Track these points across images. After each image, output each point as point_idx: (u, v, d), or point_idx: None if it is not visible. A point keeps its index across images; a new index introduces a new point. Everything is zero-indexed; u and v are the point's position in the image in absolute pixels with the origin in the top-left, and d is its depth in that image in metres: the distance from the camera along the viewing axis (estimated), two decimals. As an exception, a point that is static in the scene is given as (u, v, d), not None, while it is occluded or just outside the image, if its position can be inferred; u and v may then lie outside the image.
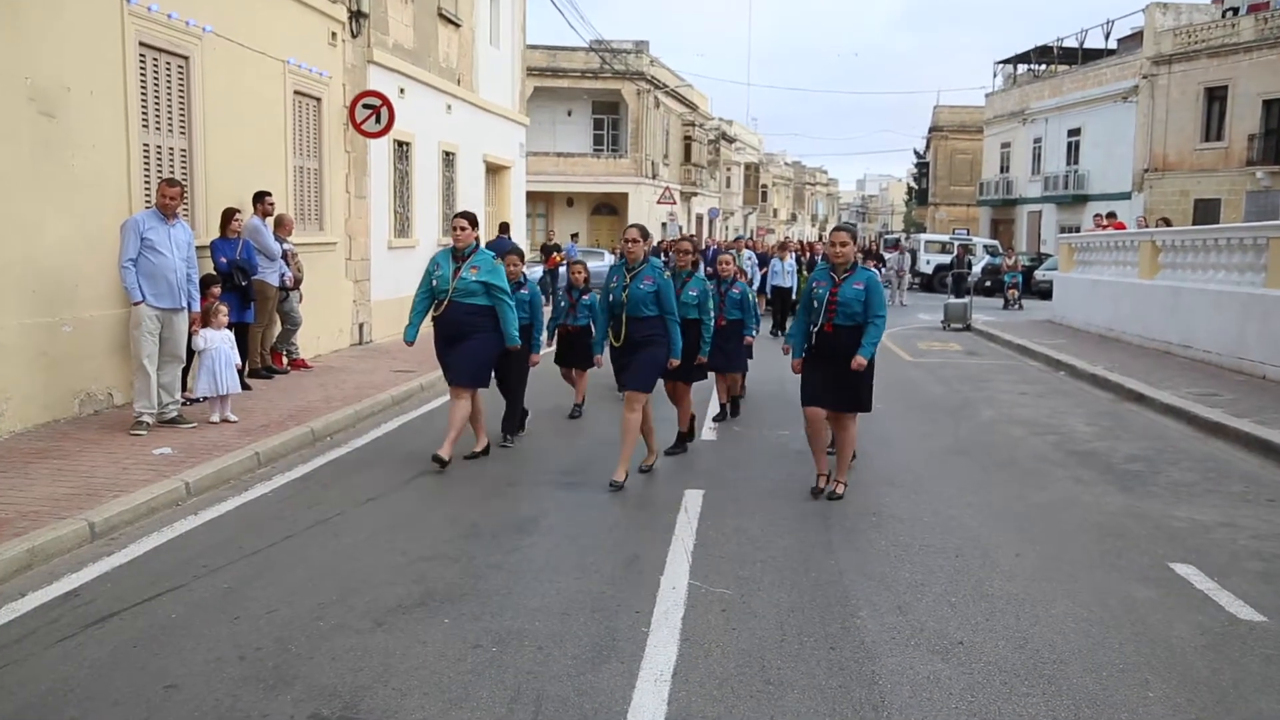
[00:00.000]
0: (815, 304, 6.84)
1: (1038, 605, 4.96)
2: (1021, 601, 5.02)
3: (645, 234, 7.42)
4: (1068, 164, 42.12)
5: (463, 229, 7.72)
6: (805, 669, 4.19)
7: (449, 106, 18.14)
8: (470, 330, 7.65)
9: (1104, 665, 4.27)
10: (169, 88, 9.93)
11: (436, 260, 7.82)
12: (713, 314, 8.37)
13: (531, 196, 30.11)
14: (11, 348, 7.95)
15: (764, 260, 21.12)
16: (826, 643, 4.46)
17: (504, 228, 19.69)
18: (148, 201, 9.16)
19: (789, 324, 16.32)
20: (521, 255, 8.82)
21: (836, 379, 6.83)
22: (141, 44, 9.39)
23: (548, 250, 24.85)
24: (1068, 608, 4.93)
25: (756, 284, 18.15)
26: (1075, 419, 10.43)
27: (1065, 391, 12.50)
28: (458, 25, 18.37)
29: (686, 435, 8.47)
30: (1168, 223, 18.90)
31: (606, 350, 7.64)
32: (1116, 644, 4.50)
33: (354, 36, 14.15)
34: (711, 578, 5.30)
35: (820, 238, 46.76)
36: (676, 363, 7.37)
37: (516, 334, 7.85)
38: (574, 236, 32.37)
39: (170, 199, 8.22)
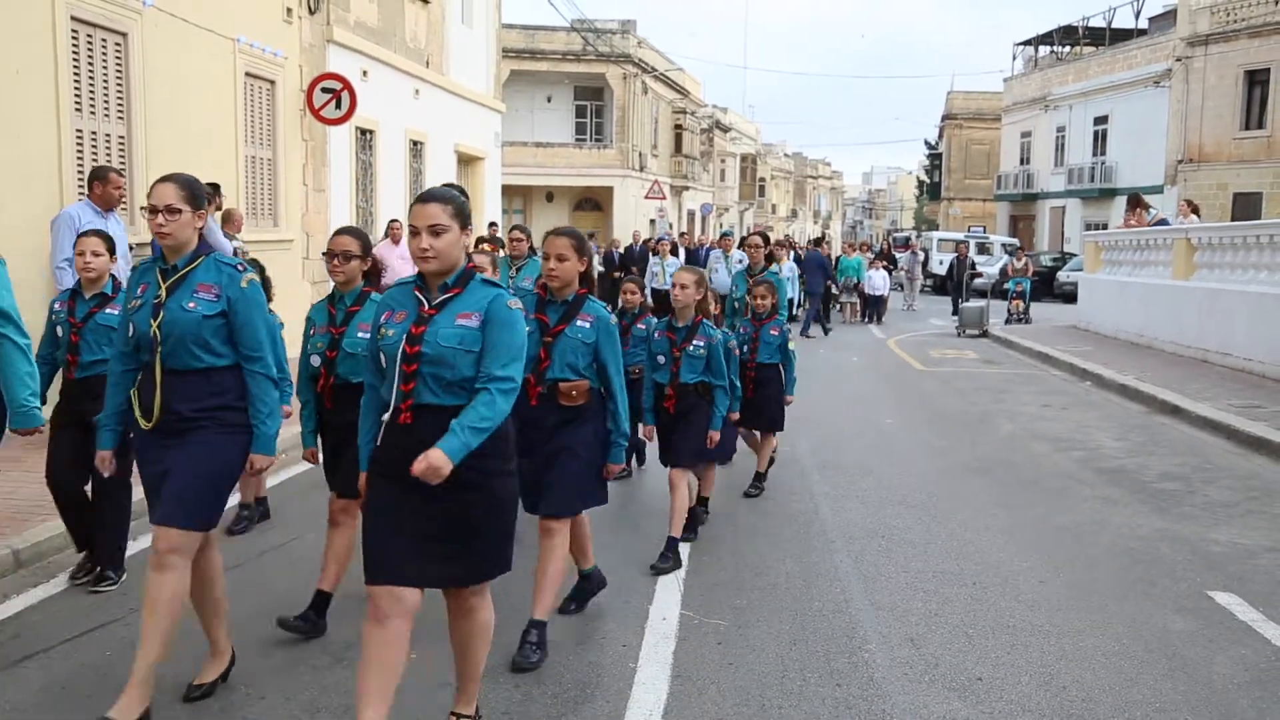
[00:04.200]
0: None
1: (1064, 638, 4.96)
2: (1046, 634, 5.01)
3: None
4: (1094, 155, 42.34)
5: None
6: (808, 708, 4.17)
7: (417, 91, 18.11)
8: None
9: (1137, 704, 4.26)
10: (105, 67, 9.89)
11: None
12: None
13: (508, 190, 30.08)
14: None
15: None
16: (832, 679, 4.44)
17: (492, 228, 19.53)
18: (81, 193, 9.10)
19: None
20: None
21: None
22: (74, 19, 9.34)
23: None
24: (1097, 641, 4.93)
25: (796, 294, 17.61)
26: (1103, 434, 10.46)
27: (1092, 403, 12.53)
28: (426, 1, 18.37)
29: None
30: (1194, 208, 18.89)
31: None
32: (1151, 680, 4.49)
33: (311, 13, 14.13)
34: (705, 607, 5.28)
35: (823, 236, 46.83)
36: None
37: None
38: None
39: (118, 189, 8.19)
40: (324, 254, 4.99)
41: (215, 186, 10.96)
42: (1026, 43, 51.72)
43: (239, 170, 12.45)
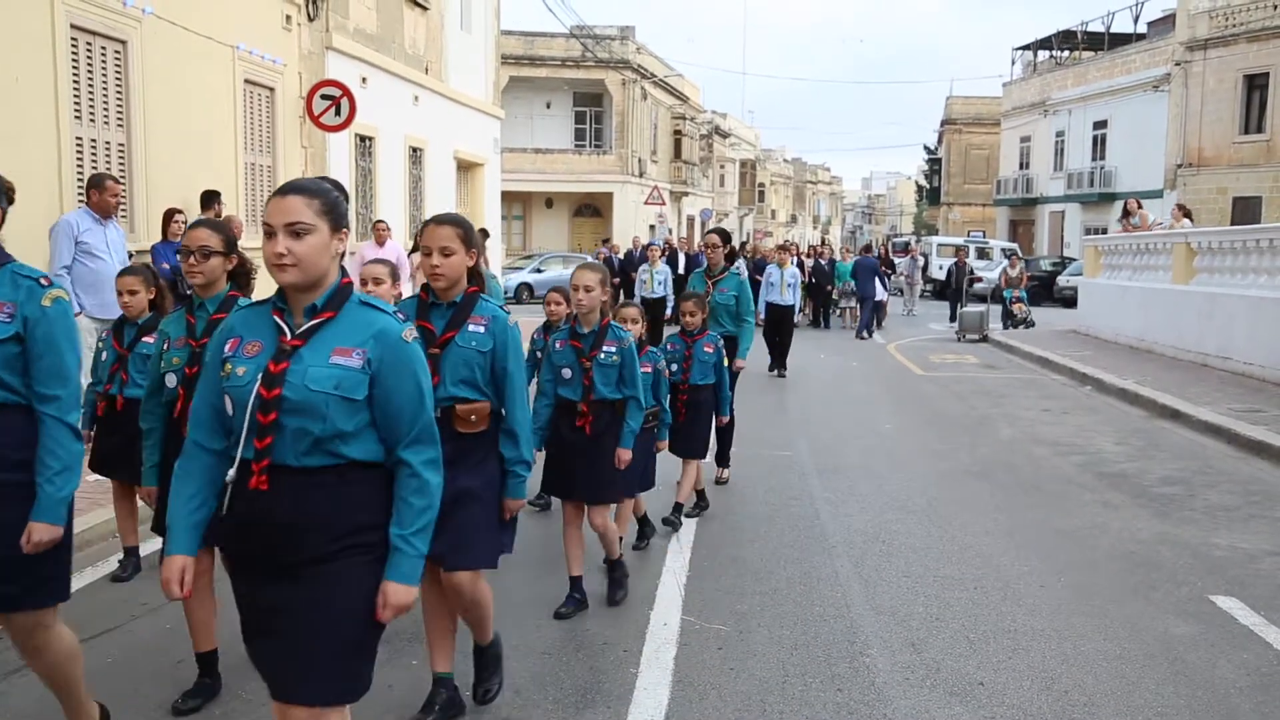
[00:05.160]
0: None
1: (1065, 642, 4.96)
2: (1048, 638, 5.01)
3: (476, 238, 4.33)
4: (1093, 159, 42.41)
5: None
6: (810, 713, 4.17)
7: (416, 98, 18.15)
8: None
9: (1139, 708, 4.26)
10: (105, 75, 9.90)
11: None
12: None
13: (507, 197, 30.14)
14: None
15: (759, 268, 19.24)
16: (833, 684, 4.44)
17: (483, 234, 19.61)
18: (81, 200, 9.12)
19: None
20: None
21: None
22: (74, 27, 9.36)
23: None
24: (1098, 645, 4.93)
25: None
26: (1103, 438, 10.46)
27: (1092, 408, 12.54)
28: (425, 8, 18.41)
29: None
30: (1186, 213, 18.94)
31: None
32: (1153, 685, 4.49)
33: (311, 20, 14.16)
34: (706, 613, 5.28)
35: (823, 240, 46.78)
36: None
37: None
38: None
39: (116, 197, 8.20)
40: (177, 252, 4.48)
41: (215, 194, 10.98)
42: (1025, 47, 51.82)
43: (238, 177, 12.47)
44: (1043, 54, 51.23)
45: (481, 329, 3.81)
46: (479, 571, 3.95)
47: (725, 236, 8.65)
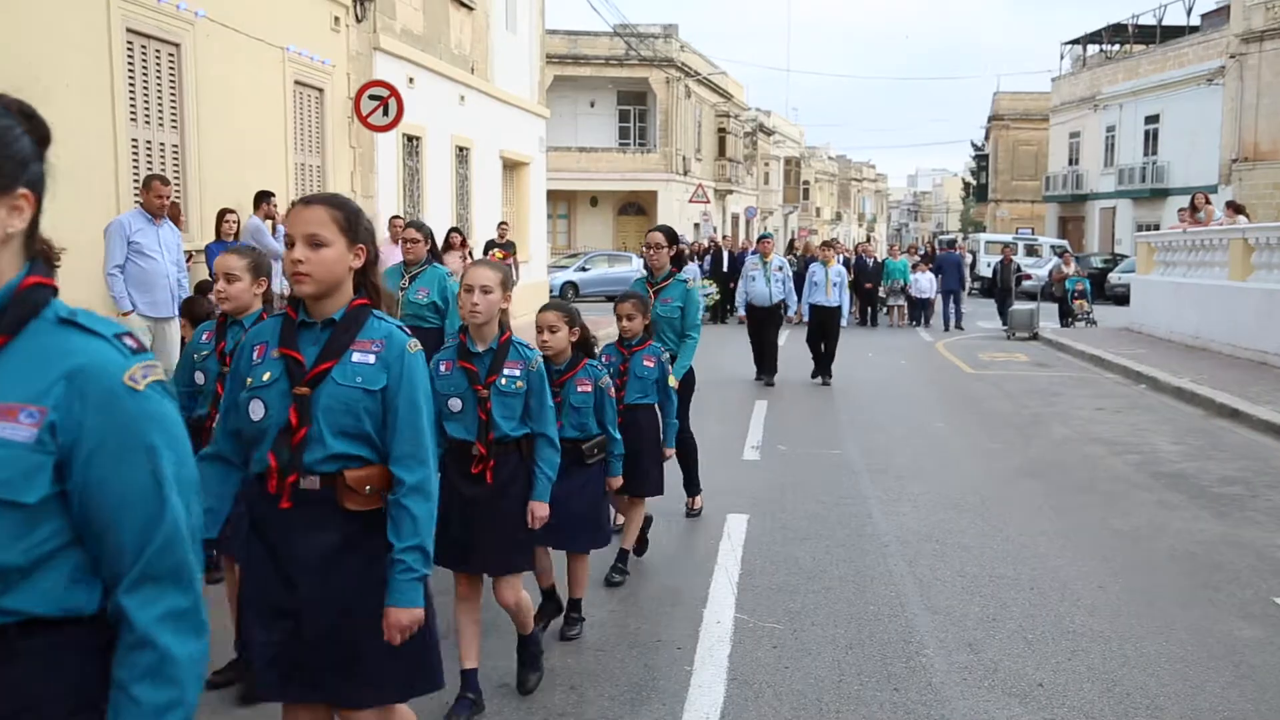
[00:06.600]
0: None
1: (1126, 643, 4.89)
2: (1108, 639, 4.94)
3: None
4: (1145, 155, 41.78)
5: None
6: (867, 712, 4.14)
7: (462, 97, 18.25)
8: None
9: (1205, 712, 4.19)
10: (159, 78, 10.05)
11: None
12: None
13: (552, 196, 30.22)
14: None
15: (806, 266, 17.95)
16: (889, 683, 4.41)
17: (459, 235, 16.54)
18: (137, 201, 9.26)
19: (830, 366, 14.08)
20: None
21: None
22: (129, 30, 9.51)
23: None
24: (1160, 646, 4.85)
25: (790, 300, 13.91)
26: (1160, 437, 10.30)
27: (1147, 407, 12.35)
28: (471, 8, 18.50)
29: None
30: (1239, 209, 18.59)
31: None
32: (1218, 688, 4.41)
33: (358, 21, 14.28)
34: (759, 611, 5.26)
35: (868, 238, 46.51)
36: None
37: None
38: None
39: (161, 198, 8.30)
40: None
41: (268, 194, 11.11)
42: (1075, 42, 51.18)
43: (289, 177, 12.60)
44: (1092, 48, 50.59)
45: (371, 359, 2.73)
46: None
47: (671, 236, 7.08)
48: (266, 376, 2.70)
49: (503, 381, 3.93)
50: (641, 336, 5.78)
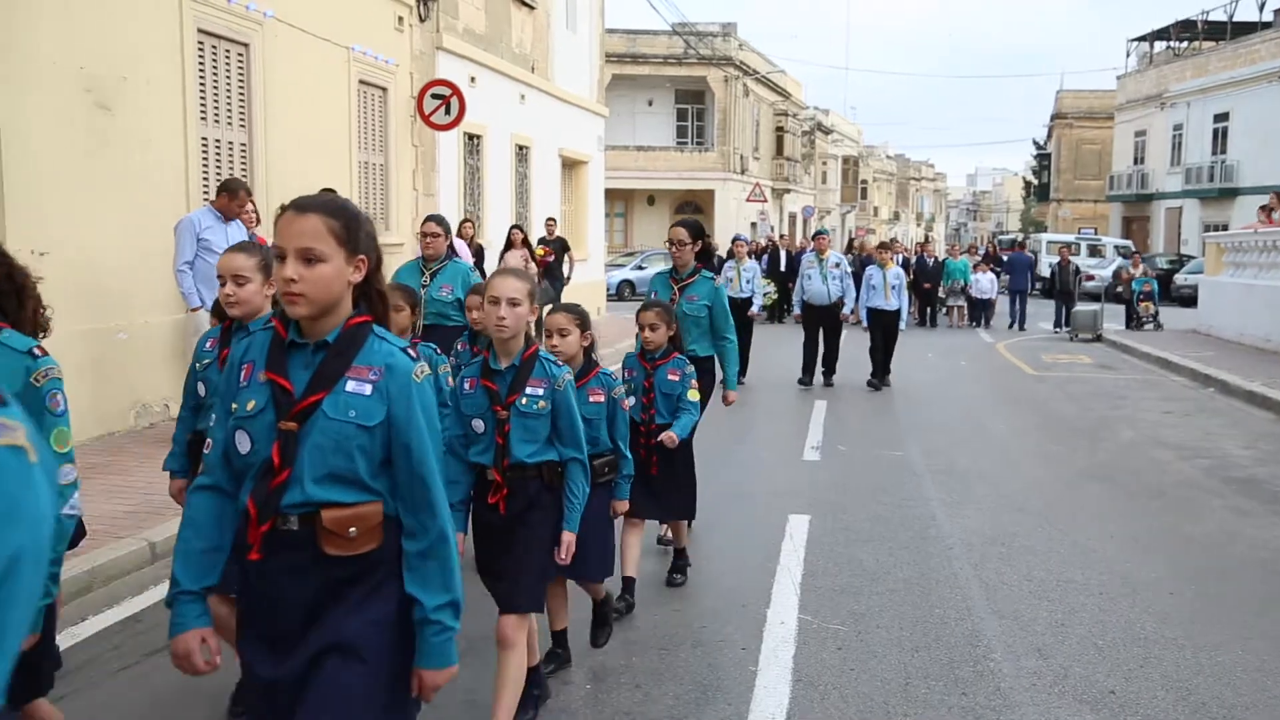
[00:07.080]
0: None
1: (1200, 651, 4.79)
2: (1181, 647, 4.85)
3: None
4: (1213, 154, 40.90)
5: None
6: (934, 716, 4.11)
7: (523, 96, 18.35)
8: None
9: (1283, 721, 4.10)
10: (229, 77, 10.22)
11: None
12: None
13: (610, 194, 30.24)
14: (63, 356, 8.21)
15: (861, 266, 17.45)
16: (957, 688, 4.36)
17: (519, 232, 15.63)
18: (207, 198, 9.42)
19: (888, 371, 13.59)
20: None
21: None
22: (200, 31, 9.68)
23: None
24: (1236, 655, 4.75)
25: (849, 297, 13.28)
26: (1231, 442, 10.09)
27: (1217, 410, 12.11)
28: (532, 8, 18.60)
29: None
30: None
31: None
32: (1296, 697, 4.32)
33: (422, 21, 14.41)
34: (823, 612, 5.23)
35: (927, 238, 45.99)
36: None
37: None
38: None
39: (243, 206, 8.49)
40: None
41: (332, 191, 11.20)
42: (1141, 39, 50.24)
43: (352, 175, 12.75)
44: (1159, 45, 49.64)
45: (367, 389, 2.39)
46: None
47: (696, 231, 6.62)
48: (251, 406, 2.38)
49: (523, 401, 3.62)
50: (666, 349, 5.38)
